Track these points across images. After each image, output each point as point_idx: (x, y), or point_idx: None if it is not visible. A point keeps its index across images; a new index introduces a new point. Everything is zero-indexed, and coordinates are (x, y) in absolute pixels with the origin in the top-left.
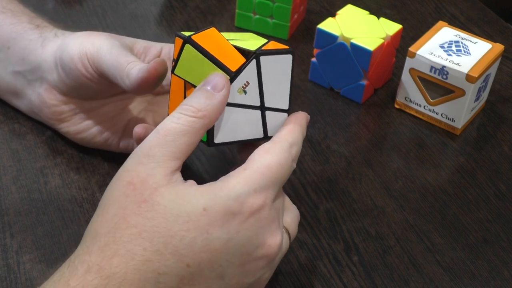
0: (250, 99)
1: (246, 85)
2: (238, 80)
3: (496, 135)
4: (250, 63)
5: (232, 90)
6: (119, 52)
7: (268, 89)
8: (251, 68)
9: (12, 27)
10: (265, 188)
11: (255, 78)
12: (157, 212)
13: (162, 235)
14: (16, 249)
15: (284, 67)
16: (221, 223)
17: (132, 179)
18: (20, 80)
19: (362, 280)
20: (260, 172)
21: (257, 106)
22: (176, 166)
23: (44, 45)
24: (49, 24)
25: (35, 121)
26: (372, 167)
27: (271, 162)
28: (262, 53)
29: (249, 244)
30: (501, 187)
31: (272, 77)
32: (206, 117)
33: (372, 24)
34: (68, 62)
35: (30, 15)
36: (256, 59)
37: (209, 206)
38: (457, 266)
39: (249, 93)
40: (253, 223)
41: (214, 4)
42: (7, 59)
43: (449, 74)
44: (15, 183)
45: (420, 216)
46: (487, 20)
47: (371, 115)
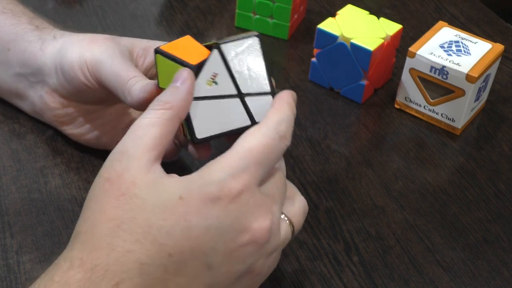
0: (225, 89)
1: (215, 76)
2: (203, 72)
3: (496, 135)
4: (212, 54)
5: (201, 83)
6: (119, 64)
7: (241, 76)
8: (215, 59)
9: (12, 28)
10: (247, 171)
11: (223, 67)
12: (135, 204)
13: (140, 226)
14: (16, 249)
15: (252, 51)
16: (199, 210)
17: (109, 175)
18: (22, 82)
19: (362, 280)
20: (240, 156)
21: (234, 94)
22: (152, 157)
23: (43, 48)
24: (49, 25)
25: (35, 121)
26: (372, 167)
27: (254, 144)
28: (222, 43)
29: (231, 230)
30: (501, 187)
31: (242, 64)
32: (173, 107)
33: (372, 24)
34: (68, 70)
35: (30, 15)
36: (217, 49)
37: (185, 194)
38: (457, 266)
39: (221, 84)
40: (233, 208)
41: (214, 4)
42: (7, 61)
43: (449, 74)
44: (15, 183)
45: (420, 216)
46: (487, 20)
47: (371, 115)
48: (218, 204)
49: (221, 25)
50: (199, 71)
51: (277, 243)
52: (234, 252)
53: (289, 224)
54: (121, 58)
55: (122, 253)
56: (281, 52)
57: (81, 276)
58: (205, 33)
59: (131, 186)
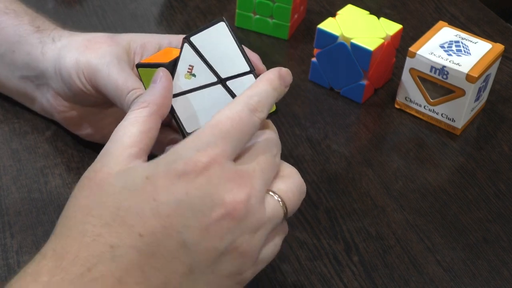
0: (205, 79)
1: (191, 69)
2: (179, 67)
3: (496, 135)
4: (183, 49)
5: (179, 79)
6: (117, 73)
7: (217, 62)
8: (187, 52)
9: (15, 29)
10: (213, 145)
11: (197, 58)
12: (104, 189)
13: (109, 210)
14: (16, 249)
15: (222, 36)
16: (167, 187)
17: (89, 174)
18: (28, 84)
19: (362, 280)
20: (205, 132)
21: (215, 81)
22: (132, 153)
23: (44, 52)
24: (50, 25)
25: (35, 121)
26: (372, 167)
27: (219, 119)
28: (190, 35)
29: (203, 204)
30: (501, 187)
31: (214, 50)
32: (150, 104)
33: (372, 24)
34: (67, 77)
35: (32, 15)
36: (187, 42)
37: (152, 173)
38: (457, 266)
39: (199, 74)
40: (202, 182)
41: (214, 4)
42: (13, 64)
43: (449, 74)
44: (15, 183)
45: (420, 216)
46: (487, 20)
47: (371, 115)
48: (185, 179)
49: None
50: (175, 67)
51: (260, 219)
52: (209, 227)
53: (279, 201)
54: (118, 65)
55: (92, 238)
56: (281, 52)
57: (52, 264)
58: None
59: (105, 177)
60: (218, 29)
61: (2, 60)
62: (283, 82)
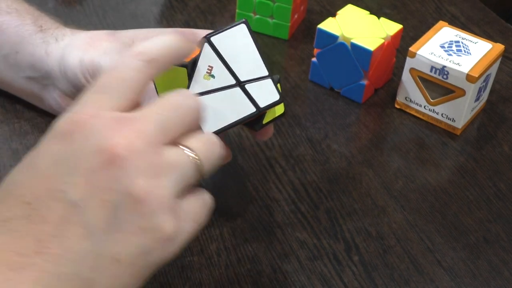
0: (223, 80)
1: (211, 69)
2: (198, 68)
3: (497, 135)
4: (203, 48)
5: (199, 79)
6: None
7: (237, 64)
8: (207, 52)
9: (18, 30)
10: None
11: (216, 59)
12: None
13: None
14: None
15: (242, 38)
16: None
17: None
18: (34, 85)
19: (362, 280)
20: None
21: (233, 84)
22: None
23: (48, 53)
24: (53, 23)
25: (35, 121)
26: (373, 167)
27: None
28: (211, 35)
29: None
30: (501, 187)
31: (234, 52)
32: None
33: (372, 24)
34: (73, 77)
35: (34, 14)
36: (207, 42)
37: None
38: (457, 266)
39: (218, 76)
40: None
41: (214, 4)
42: (18, 64)
43: (450, 74)
44: None
45: (420, 216)
46: (488, 20)
47: (371, 115)
48: (61, 138)
49: (221, 25)
50: (194, 67)
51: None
52: (93, 180)
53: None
54: None
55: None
56: (281, 52)
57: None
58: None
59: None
60: (239, 30)
61: (6, 61)
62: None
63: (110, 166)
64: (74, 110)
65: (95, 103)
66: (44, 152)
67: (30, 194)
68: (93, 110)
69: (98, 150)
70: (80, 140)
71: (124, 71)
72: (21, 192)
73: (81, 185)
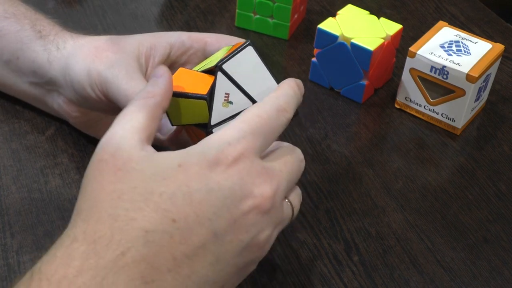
0: (241, 105)
1: (228, 96)
2: (216, 97)
3: (497, 135)
4: (217, 78)
5: (218, 108)
6: (126, 83)
7: (251, 87)
8: (221, 81)
9: (17, 35)
10: (243, 139)
11: (231, 86)
12: (133, 175)
13: (141, 194)
14: (16, 249)
15: (251, 59)
16: (199, 176)
17: (102, 156)
18: (38, 90)
19: (362, 280)
20: (235, 127)
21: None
22: (142, 138)
23: (51, 61)
24: (52, 28)
25: (35, 121)
26: (373, 167)
27: (249, 115)
28: (222, 63)
29: (233, 195)
30: (501, 187)
31: (246, 75)
32: (156, 95)
33: (372, 24)
34: (80, 89)
35: (32, 18)
36: (220, 71)
37: (184, 161)
38: (457, 266)
39: (236, 101)
40: (232, 174)
41: (214, 4)
42: (19, 70)
43: (450, 74)
44: (15, 183)
45: (420, 216)
46: (487, 20)
47: (371, 115)
48: (217, 169)
49: (221, 25)
50: (212, 97)
51: (280, 217)
52: (238, 219)
53: (290, 206)
54: (126, 74)
55: (126, 222)
56: (281, 52)
57: (84, 248)
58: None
59: (127, 161)
60: (247, 53)
61: (8, 67)
62: (301, 90)
63: (255, 212)
64: (229, 141)
65: (248, 143)
66: (199, 178)
67: (178, 213)
68: (247, 151)
69: (249, 195)
70: (234, 178)
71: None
72: (169, 208)
73: (226, 220)
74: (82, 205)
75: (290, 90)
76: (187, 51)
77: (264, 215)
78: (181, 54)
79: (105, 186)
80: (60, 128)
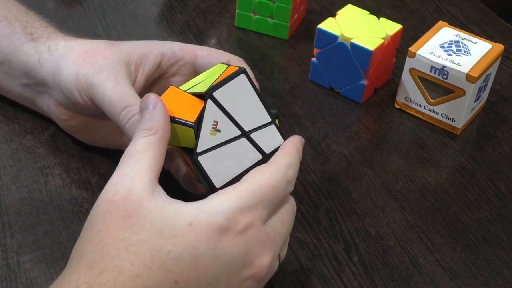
0: (229, 133)
1: (216, 124)
2: (204, 124)
3: (496, 135)
4: (207, 105)
5: (205, 135)
6: (111, 89)
7: (240, 116)
8: (211, 108)
9: (8, 39)
10: (254, 208)
11: (220, 113)
12: (143, 226)
13: (148, 249)
14: (16, 249)
15: (243, 87)
16: (208, 239)
17: (113, 197)
18: (29, 91)
19: (362, 280)
20: (250, 191)
21: (239, 135)
22: (153, 178)
23: (41, 63)
24: (43, 30)
25: (35, 121)
26: (372, 167)
27: (263, 182)
28: (212, 90)
29: (236, 263)
30: (501, 187)
31: (237, 103)
32: (157, 131)
33: (372, 24)
34: (68, 93)
35: (23, 20)
36: (210, 98)
37: (196, 221)
38: (457, 266)
39: (224, 129)
40: (239, 241)
41: (214, 4)
42: (11, 72)
43: (449, 74)
44: (15, 183)
45: (420, 216)
46: (487, 20)
47: (371, 115)
48: (226, 235)
49: (221, 25)
50: (200, 125)
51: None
52: (234, 285)
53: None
54: (114, 80)
55: (130, 278)
56: (281, 52)
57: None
58: (205, 33)
59: (138, 207)
60: (239, 81)
61: (0, 69)
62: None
63: (251, 280)
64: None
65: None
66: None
67: (182, 275)
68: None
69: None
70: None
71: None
72: (174, 268)
73: (223, 283)
74: (86, 246)
75: (296, 156)
76: (178, 62)
77: (260, 282)
78: (171, 64)
79: (113, 231)
80: (60, 129)
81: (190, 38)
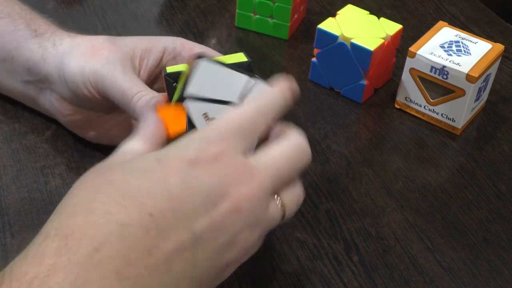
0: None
1: (207, 115)
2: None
3: (496, 135)
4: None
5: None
6: (122, 79)
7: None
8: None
9: (12, 35)
10: (224, 137)
11: (204, 104)
12: (114, 171)
13: (119, 188)
14: (16, 249)
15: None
16: (177, 172)
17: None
18: (31, 89)
19: (362, 280)
20: (215, 126)
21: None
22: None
23: (45, 58)
24: (47, 27)
25: (35, 121)
26: (372, 167)
27: (229, 116)
28: (183, 92)
29: (211, 194)
30: (501, 187)
31: (212, 86)
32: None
33: (372, 24)
34: (73, 86)
35: (27, 17)
36: (186, 101)
37: (163, 156)
38: (457, 266)
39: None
40: (211, 170)
41: (214, 4)
42: (14, 69)
43: (450, 74)
44: (15, 183)
45: (420, 216)
46: (487, 20)
47: (371, 115)
48: (196, 166)
49: (221, 25)
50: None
51: (260, 218)
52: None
53: (279, 207)
54: (123, 71)
55: (101, 215)
56: (281, 52)
57: (57, 244)
58: (205, 33)
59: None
60: (202, 67)
61: (3, 67)
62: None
63: (232, 214)
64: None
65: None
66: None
67: (156, 207)
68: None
69: (226, 194)
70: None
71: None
72: (146, 201)
73: (204, 218)
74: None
75: (275, 93)
76: (176, 57)
77: (243, 216)
78: (171, 59)
79: (85, 182)
80: (60, 128)
81: (190, 38)
